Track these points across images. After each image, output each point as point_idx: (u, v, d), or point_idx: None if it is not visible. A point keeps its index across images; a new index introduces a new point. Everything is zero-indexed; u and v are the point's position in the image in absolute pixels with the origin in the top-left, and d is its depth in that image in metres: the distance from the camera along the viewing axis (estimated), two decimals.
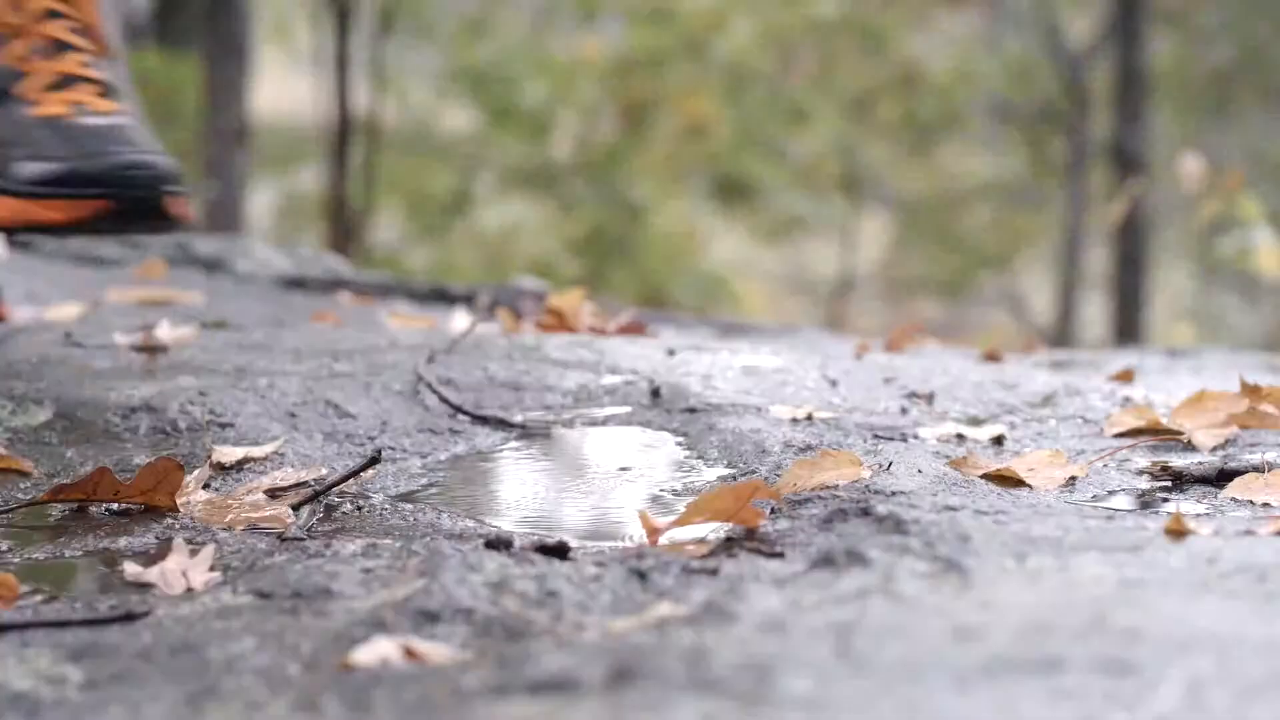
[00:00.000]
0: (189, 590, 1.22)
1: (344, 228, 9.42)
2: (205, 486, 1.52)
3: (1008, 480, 1.47)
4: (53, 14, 1.63)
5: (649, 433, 1.75)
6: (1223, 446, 1.59)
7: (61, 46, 1.63)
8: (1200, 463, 1.50)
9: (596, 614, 1.10)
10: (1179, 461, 1.51)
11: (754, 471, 1.56)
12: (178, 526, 1.41)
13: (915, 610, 1.04)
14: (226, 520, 1.42)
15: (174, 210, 1.62)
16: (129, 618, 1.13)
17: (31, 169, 1.60)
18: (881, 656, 0.92)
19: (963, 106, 12.44)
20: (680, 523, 1.29)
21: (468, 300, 3.28)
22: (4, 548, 1.36)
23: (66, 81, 1.63)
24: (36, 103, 1.62)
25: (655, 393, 1.86)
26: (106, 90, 1.66)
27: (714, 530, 1.29)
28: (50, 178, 1.59)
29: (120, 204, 1.59)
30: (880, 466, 1.48)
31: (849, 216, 12.94)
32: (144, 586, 1.24)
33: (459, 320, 2.67)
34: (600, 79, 11.32)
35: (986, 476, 1.48)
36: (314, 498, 1.46)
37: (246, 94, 7.44)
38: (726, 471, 1.59)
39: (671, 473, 1.61)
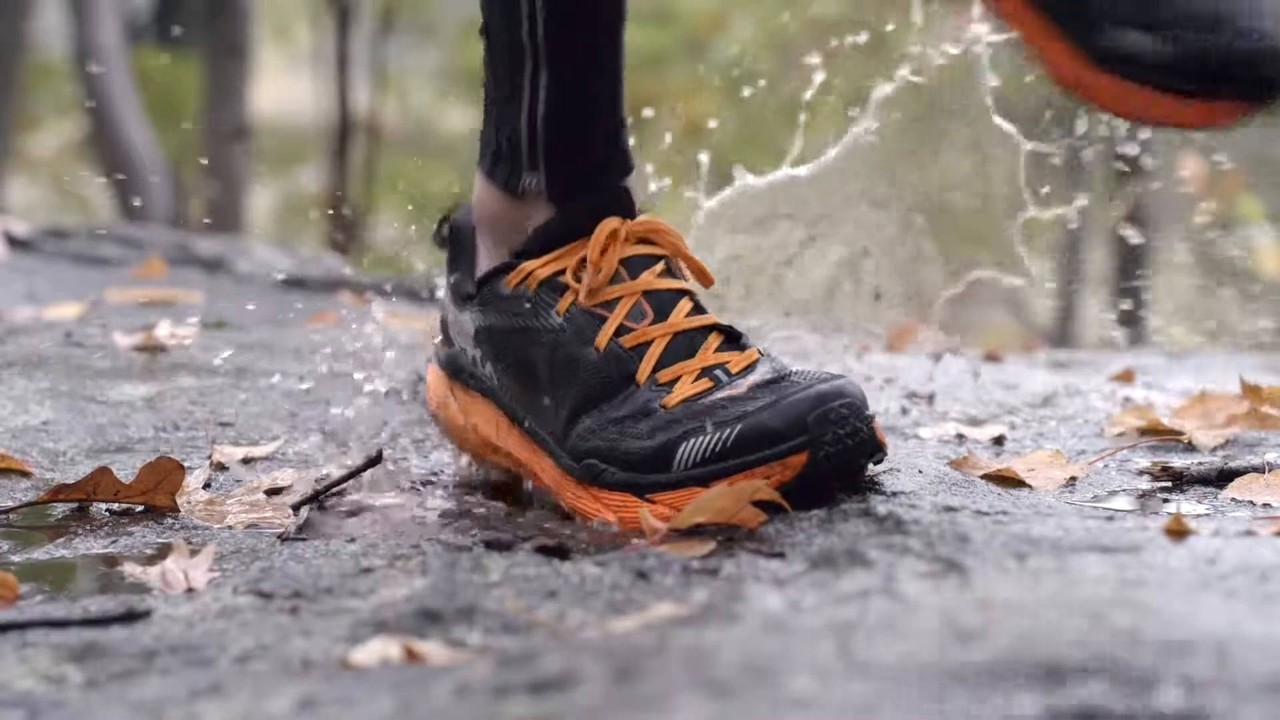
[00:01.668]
0: (189, 590, 1.22)
1: (344, 228, 9.42)
2: (205, 486, 1.52)
3: (1008, 480, 1.47)
4: None
5: None
6: (1223, 447, 1.59)
7: None
8: (1201, 463, 1.50)
9: (597, 614, 1.10)
10: (1179, 462, 1.51)
11: None
12: (178, 526, 1.42)
13: (916, 610, 1.04)
14: (226, 520, 1.43)
15: None
16: (129, 617, 1.13)
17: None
18: (882, 657, 0.92)
19: (962, 106, 12.43)
20: (680, 523, 1.29)
21: None
22: (4, 548, 1.36)
23: None
24: None
25: None
26: None
27: (714, 530, 1.29)
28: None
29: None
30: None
31: None
32: (144, 586, 1.24)
33: None
34: None
35: (987, 477, 1.48)
36: (314, 498, 1.46)
37: (246, 94, 7.43)
38: None
39: None
